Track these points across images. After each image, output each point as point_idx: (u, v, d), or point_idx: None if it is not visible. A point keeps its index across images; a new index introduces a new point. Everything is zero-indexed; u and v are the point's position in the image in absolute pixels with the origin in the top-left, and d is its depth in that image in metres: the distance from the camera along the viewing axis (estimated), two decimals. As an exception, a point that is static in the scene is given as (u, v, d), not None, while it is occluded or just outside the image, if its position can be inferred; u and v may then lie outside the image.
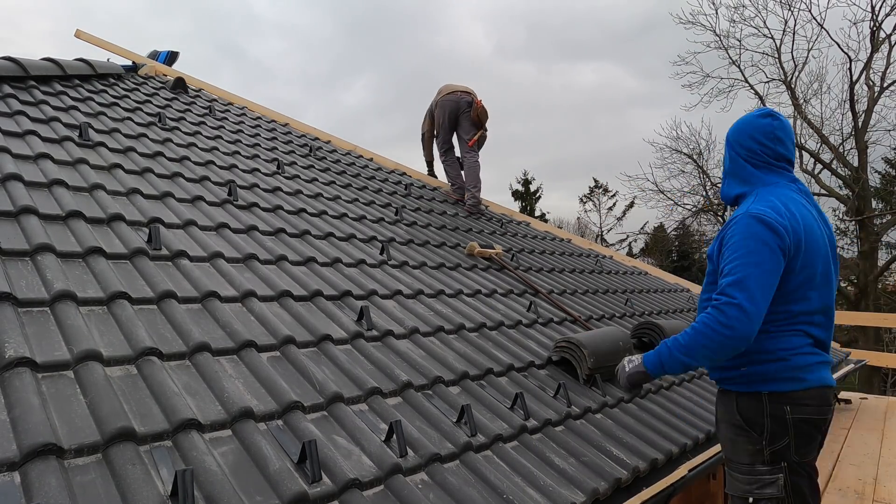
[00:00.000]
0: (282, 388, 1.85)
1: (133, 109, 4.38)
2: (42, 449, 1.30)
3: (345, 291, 2.80)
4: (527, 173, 32.60)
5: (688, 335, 1.98)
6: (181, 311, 2.09)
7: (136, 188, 2.96)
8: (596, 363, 2.87)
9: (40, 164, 2.83)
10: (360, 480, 1.61)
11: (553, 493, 1.90)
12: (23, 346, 1.60)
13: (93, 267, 2.15)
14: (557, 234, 6.66)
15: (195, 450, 1.49)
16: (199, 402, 1.69)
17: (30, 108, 3.59)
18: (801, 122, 16.19)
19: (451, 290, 3.43)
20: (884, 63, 15.06)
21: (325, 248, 3.27)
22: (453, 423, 2.09)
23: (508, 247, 5.04)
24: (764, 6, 16.02)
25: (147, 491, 1.32)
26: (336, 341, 2.34)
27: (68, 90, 4.29)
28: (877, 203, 18.36)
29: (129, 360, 1.75)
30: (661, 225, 25.48)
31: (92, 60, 4.96)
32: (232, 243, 2.84)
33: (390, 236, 3.98)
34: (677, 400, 3.12)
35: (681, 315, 5.13)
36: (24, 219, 2.26)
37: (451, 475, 1.81)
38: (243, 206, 3.39)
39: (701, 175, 18.32)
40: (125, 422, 1.47)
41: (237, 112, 5.78)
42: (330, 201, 4.18)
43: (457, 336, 2.90)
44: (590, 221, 33.25)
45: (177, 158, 3.70)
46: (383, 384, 2.16)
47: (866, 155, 15.83)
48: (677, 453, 2.54)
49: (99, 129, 3.68)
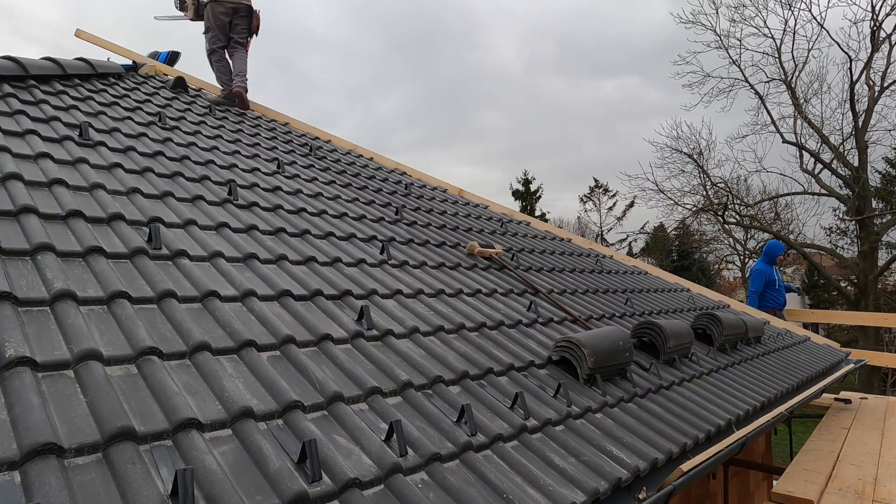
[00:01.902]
0: (282, 388, 1.85)
1: (133, 109, 4.39)
2: (42, 448, 1.30)
3: (345, 291, 2.79)
4: (527, 173, 32.63)
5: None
6: (181, 310, 2.09)
7: (136, 187, 2.96)
8: (596, 363, 2.87)
9: (40, 164, 2.83)
10: (360, 480, 1.60)
11: (553, 492, 1.90)
12: (23, 345, 1.60)
13: (93, 266, 2.15)
14: (557, 233, 6.66)
15: (195, 449, 1.49)
16: (199, 401, 1.69)
17: (30, 108, 3.59)
18: (801, 122, 16.19)
19: (451, 289, 3.43)
20: (884, 63, 15.07)
21: (325, 248, 3.27)
22: (453, 423, 2.09)
23: (508, 246, 5.04)
24: (764, 6, 16.00)
25: (147, 490, 1.32)
26: (336, 341, 2.34)
27: (68, 89, 4.30)
28: (877, 203, 18.35)
29: (130, 359, 1.75)
30: (661, 225, 25.51)
31: (92, 60, 4.96)
32: (232, 243, 2.84)
33: (390, 236, 3.98)
34: (677, 400, 3.12)
35: (681, 315, 5.13)
36: (24, 218, 2.26)
37: (451, 475, 1.81)
38: (243, 206, 3.39)
39: (701, 175, 18.30)
40: (125, 421, 1.47)
41: (237, 111, 5.78)
42: (330, 201, 4.18)
43: (457, 335, 2.90)
44: (590, 221, 33.27)
45: (177, 158, 3.70)
46: (383, 384, 2.16)
47: (866, 155, 15.83)
48: (677, 453, 2.54)
49: (99, 129, 3.68)
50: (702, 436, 2.77)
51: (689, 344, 3.83)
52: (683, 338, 3.76)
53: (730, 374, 3.93)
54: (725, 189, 18.10)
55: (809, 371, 4.76)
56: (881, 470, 4.03)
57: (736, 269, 28.45)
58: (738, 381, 3.84)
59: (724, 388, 3.57)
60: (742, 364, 4.28)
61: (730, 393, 3.52)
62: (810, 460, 4.23)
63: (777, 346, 5.23)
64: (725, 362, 4.11)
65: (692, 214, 19.49)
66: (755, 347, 4.88)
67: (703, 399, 3.26)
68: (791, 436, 7.46)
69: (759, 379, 4.05)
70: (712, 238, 24.63)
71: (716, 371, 3.87)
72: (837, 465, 4.15)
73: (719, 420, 3.00)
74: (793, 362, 4.90)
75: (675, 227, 22.12)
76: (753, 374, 4.14)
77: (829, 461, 4.21)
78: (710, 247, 26.35)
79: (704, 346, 4.34)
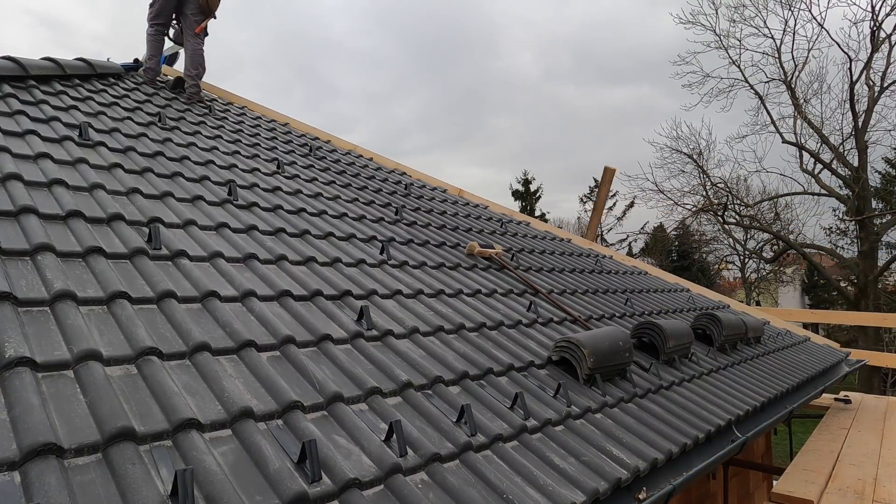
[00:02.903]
0: (282, 388, 1.85)
1: (133, 109, 4.39)
2: (42, 448, 1.30)
3: (345, 291, 2.79)
4: (527, 173, 32.64)
5: None
6: (181, 310, 2.09)
7: (135, 188, 2.96)
8: (596, 363, 2.87)
9: (40, 164, 2.83)
10: (359, 480, 1.60)
11: (553, 492, 1.90)
12: (23, 345, 1.60)
13: (93, 266, 2.15)
14: (557, 233, 6.66)
15: (195, 449, 1.49)
16: (198, 401, 1.69)
17: (30, 108, 3.59)
18: (801, 122, 16.20)
19: (451, 289, 3.43)
20: (884, 63, 15.10)
21: (324, 248, 3.27)
22: (453, 423, 2.09)
23: (508, 246, 5.04)
24: (764, 6, 16.04)
25: (147, 490, 1.32)
26: (336, 341, 2.34)
27: (68, 90, 4.30)
28: (877, 203, 18.38)
29: (129, 359, 1.75)
30: (660, 225, 25.50)
31: (92, 60, 4.96)
32: (232, 243, 2.84)
33: (390, 236, 3.98)
34: (677, 400, 3.12)
35: (681, 315, 5.13)
36: (24, 218, 2.26)
37: (450, 475, 1.81)
38: (243, 206, 3.39)
39: (701, 175, 18.31)
40: (125, 421, 1.47)
41: (237, 112, 5.78)
42: (330, 201, 4.18)
43: (457, 336, 2.90)
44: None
45: (177, 158, 3.70)
46: (383, 384, 2.16)
47: (866, 155, 15.84)
48: (677, 453, 2.54)
49: (99, 129, 3.68)
50: (702, 436, 2.77)
51: (689, 344, 3.83)
52: (683, 338, 3.76)
53: (730, 375, 3.93)
54: (725, 189, 18.12)
55: (809, 371, 4.76)
56: (881, 470, 4.03)
57: (736, 269, 28.47)
58: (738, 381, 3.84)
59: (723, 389, 3.57)
60: (742, 364, 4.28)
61: (730, 393, 3.52)
62: (810, 460, 4.23)
63: (777, 347, 5.23)
64: (725, 362, 4.11)
65: (692, 215, 19.51)
66: (755, 347, 4.88)
67: (702, 399, 3.26)
68: (791, 436, 7.45)
69: (759, 379, 4.05)
70: (712, 238, 24.66)
71: (716, 371, 3.87)
72: (837, 465, 4.15)
73: (719, 420, 3.00)
74: (793, 362, 4.90)
75: (674, 228, 22.13)
76: (753, 374, 4.14)
77: (828, 461, 4.21)
78: (710, 247, 26.38)
79: (704, 346, 4.34)
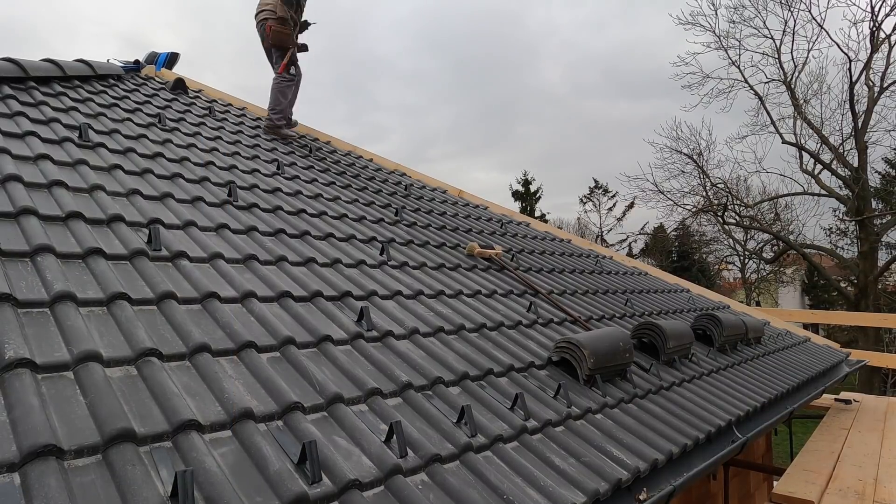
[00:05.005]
0: (282, 389, 1.85)
1: (133, 110, 4.39)
2: (42, 450, 1.30)
3: (345, 292, 2.79)
4: (526, 174, 32.64)
5: None
6: (181, 311, 2.09)
7: (135, 189, 2.96)
8: (596, 363, 2.87)
9: (40, 165, 2.83)
10: (360, 481, 1.60)
11: (553, 493, 1.90)
12: (22, 346, 1.60)
13: (92, 268, 2.15)
14: (557, 234, 6.66)
15: (195, 450, 1.49)
16: (199, 402, 1.69)
17: (30, 109, 3.60)
18: (800, 123, 16.20)
19: (451, 290, 3.43)
20: (884, 63, 15.08)
21: (324, 249, 3.27)
22: (453, 424, 2.09)
23: (508, 247, 5.04)
24: (764, 6, 16.01)
25: (147, 492, 1.32)
26: (336, 342, 2.34)
27: (68, 91, 4.30)
28: (877, 203, 18.37)
29: (129, 360, 1.75)
30: (661, 225, 25.53)
31: (92, 61, 4.97)
32: (232, 244, 2.84)
33: (390, 237, 3.98)
34: (677, 400, 3.12)
35: (681, 315, 5.13)
36: (24, 219, 2.26)
37: (451, 476, 1.81)
38: (243, 207, 3.39)
39: (701, 175, 18.31)
40: (125, 423, 1.47)
41: (237, 112, 5.78)
42: (330, 202, 4.18)
43: (457, 336, 2.90)
44: (590, 222, 33.26)
45: (176, 159, 3.70)
46: (383, 385, 2.16)
47: (866, 155, 15.84)
48: (678, 454, 2.53)
49: (99, 130, 3.68)
50: (702, 436, 2.77)
51: (689, 345, 3.83)
52: (683, 338, 3.76)
53: (730, 375, 3.93)
54: (725, 190, 18.12)
55: (810, 372, 4.76)
56: (882, 470, 4.03)
57: (736, 269, 28.46)
58: (739, 381, 3.84)
59: (724, 389, 3.57)
60: (742, 365, 4.28)
61: (730, 394, 3.52)
62: (811, 461, 4.23)
63: (777, 347, 5.23)
64: (725, 363, 4.11)
65: (692, 215, 19.52)
66: (755, 348, 4.88)
67: (703, 400, 3.25)
68: (791, 436, 7.46)
69: (760, 380, 4.05)
70: (712, 239, 24.66)
71: (716, 372, 3.87)
72: (838, 465, 4.15)
73: (719, 421, 3.00)
74: (793, 363, 4.90)
75: (674, 228, 22.15)
76: (753, 374, 4.14)
77: (829, 462, 4.20)
78: (710, 247, 26.38)
79: (704, 346, 4.34)
